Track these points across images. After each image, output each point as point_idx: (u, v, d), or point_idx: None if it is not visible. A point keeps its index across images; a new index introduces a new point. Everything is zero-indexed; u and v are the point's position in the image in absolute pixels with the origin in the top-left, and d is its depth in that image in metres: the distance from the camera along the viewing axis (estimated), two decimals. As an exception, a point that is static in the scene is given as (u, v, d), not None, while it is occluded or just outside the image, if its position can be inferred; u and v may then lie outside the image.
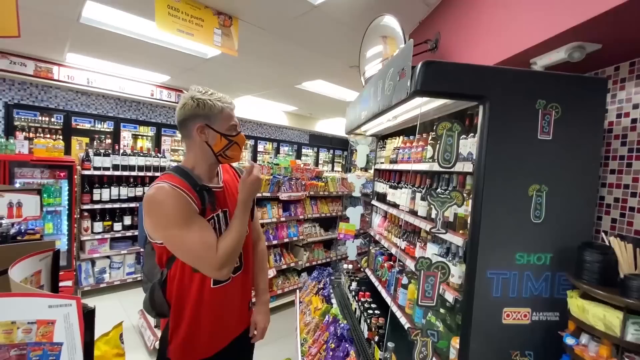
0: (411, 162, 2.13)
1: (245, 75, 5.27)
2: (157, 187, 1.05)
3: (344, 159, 11.05)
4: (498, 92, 1.26)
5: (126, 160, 4.31)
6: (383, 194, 2.70)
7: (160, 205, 1.02)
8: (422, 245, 1.90)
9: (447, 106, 1.54)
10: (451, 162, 1.29)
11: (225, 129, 1.15)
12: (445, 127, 1.29)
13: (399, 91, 1.38)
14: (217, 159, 1.16)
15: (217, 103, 1.12)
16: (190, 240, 1.03)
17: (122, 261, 4.42)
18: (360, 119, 2.17)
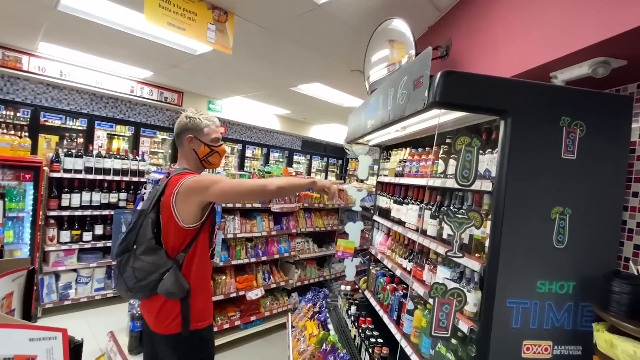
0: (419, 176, 2.13)
1: (236, 75, 5.27)
2: (191, 177, 1.47)
3: (338, 168, 11.08)
4: (521, 106, 1.28)
5: (101, 163, 4.21)
6: (386, 209, 2.70)
7: (205, 176, 1.51)
8: (432, 268, 1.89)
9: (463, 119, 1.56)
10: (470, 180, 1.30)
11: (209, 140, 1.62)
12: (464, 142, 1.29)
13: (414, 101, 1.39)
14: (202, 163, 1.63)
15: (204, 121, 1.61)
16: (240, 180, 1.69)
17: (90, 275, 4.26)
18: (365, 128, 2.17)
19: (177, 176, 1.49)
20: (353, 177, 9.82)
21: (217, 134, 1.63)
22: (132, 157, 4.58)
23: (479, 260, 1.41)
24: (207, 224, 1.53)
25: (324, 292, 3.04)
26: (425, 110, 1.34)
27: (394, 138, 2.50)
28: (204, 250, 1.53)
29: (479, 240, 1.48)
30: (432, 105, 1.27)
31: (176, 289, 1.41)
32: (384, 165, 2.85)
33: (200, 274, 1.52)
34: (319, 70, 4.51)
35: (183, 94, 6.78)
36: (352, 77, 4.58)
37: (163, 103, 6.58)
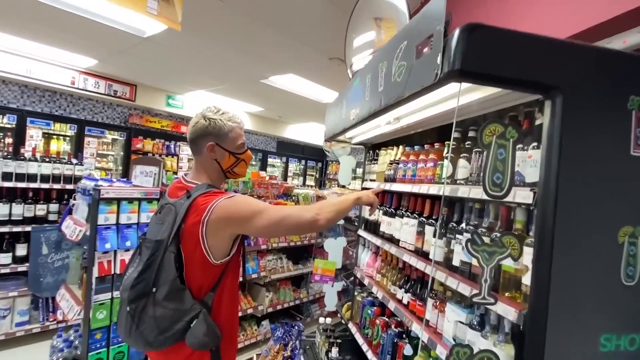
0: (417, 181, 1.76)
1: (197, 64, 4.78)
2: (225, 199, 1.26)
3: (317, 171, 10.69)
4: (578, 80, 0.93)
5: (24, 167, 3.60)
6: (374, 222, 2.32)
7: (244, 203, 1.28)
8: (438, 304, 1.51)
9: (488, 101, 1.19)
10: (504, 188, 0.93)
11: (234, 147, 1.41)
12: (495, 133, 0.93)
13: (419, 75, 1.01)
14: (225, 175, 1.45)
15: (227, 123, 1.38)
16: (282, 207, 1.39)
17: (9, 307, 3.63)
18: (347, 120, 1.79)
19: (204, 198, 1.27)
20: (334, 182, 9.46)
21: (242, 138, 1.44)
22: (67, 161, 3.99)
23: (512, 303, 1.04)
24: (238, 251, 1.36)
25: (297, 328, 2.61)
26: (435, 87, 0.96)
27: (383, 134, 2.13)
28: (234, 284, 1.37)
29: (510, 273, 1.11)
30: (448, 77, 0.89)
31: (209, 339, 1.23)
32: (370, 168, 2.47)
33: (231, 314, 1.37)
34: (293, 58, 4.11)
35: (136, 87, 6.19)
36: (331, 67, 4.21)
37: (112, 97, 5.97)
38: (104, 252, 2.41)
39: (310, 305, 4.25)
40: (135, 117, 6.50)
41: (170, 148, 6.99)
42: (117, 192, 2.49)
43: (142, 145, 6.52)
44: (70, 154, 4.49)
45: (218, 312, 1.30)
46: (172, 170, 6.79)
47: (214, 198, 1.24)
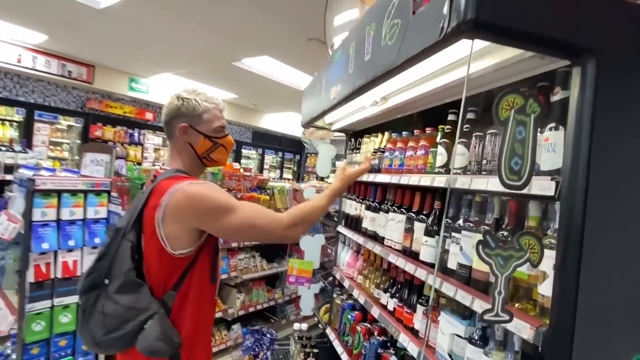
0: (405, 171, 1.58)
1: (160, 42, 4.41)
2: (190, 184, 1.14)
3: (295, 164, 10.44)
4: (615, 43, 0.76)
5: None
6: (356, 217, 2.13)
7: (211, 195, 1.14)
8: (429, 312, 1.34)
9: (494, 73, 1.01)
10: (523, 176, 0.75)
11: (210, 130, 1.28)
12: (514, 106, 0.75)
13: (417, 33, 0.82)
14: (202, 161, 1.31)
15: (202, 103, 1.26)
16: (255, 210, 1.22)
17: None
18: (327, 101, 1.58)
19: (167, 181, 1.16)
20: (313, 175, 9.26)
21: (221, 121, 1.31)
22: (8, 148, 3.58)
23: (525, 317, 0.87)
24: (208, 246, 1.21)
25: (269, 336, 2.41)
26: (439, 47, 0.77)
27: (367, 118, 1.94)
28: (203, 285, 1.21)
29: (521, 280, 0.94)
30: (458, 31, 0.70)
31: (162, 345, 1.09)
32: (352, 158, 2.28)
33: (197, 320, 1.22)
34: (268, 37, 3.84)
35: (94, 68, 5.72)
36: (310, 49, 3.97)
37: (67, 79, 5.48)
38: (41, 253, 2.10)
39: (286, 306, 4.05)
40: (94, 101, 6.02)
41: (134, 136, 6.54)
42: (57, 182, 2.18)
43: (101, 132, 6.07)
44: (12, 140, 4.04)
45: (180, 316, 1.16)
46: (136, 160, 6.36)
47: (177, 181, 1.14)
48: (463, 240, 1.15)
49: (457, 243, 1.19)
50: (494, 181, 0.98)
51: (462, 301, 1.07)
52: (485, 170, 1.13)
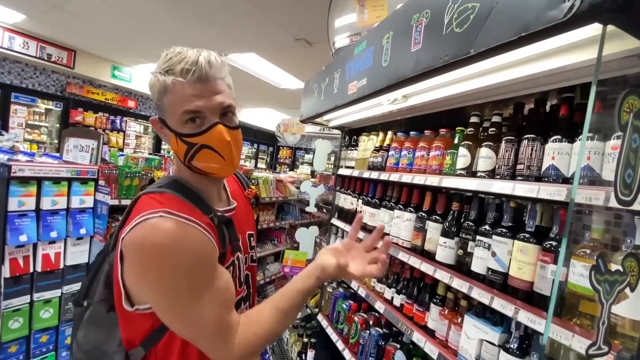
0: (416, 171, 1.38)
1: (145, 31, 3.81)
2: (155, 223, 0.62)
3: (268, 155, 10.01)
4: None
5: None
6: (351, 211, 1.91)
7: (168, 255, 0.61)
8: (446, 312, 1.16)
9: (575, 70, 0.79)
10: (633, 190, 0.56)
11: (176, 121, 0.68)
12: (633, 109, 0.55)
13: (513, 15, 0.59)
14: (191, 169, 0.73)
15: (160, 77, 0.67)
16: (203, 315, 0.64)
17: None
18: (344, 95, 1.31)
19: (148, 197, 0.68)
20: (285, 166, 8.90)
21: (190, 103, 0.65)
22: (-23, 129, 2.89)
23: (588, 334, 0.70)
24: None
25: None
26: (556, 31, 0.55)
27: (366, 118, 1.70)
28: (189, 349, 0.70)
29: (580, 294, 0.77)
30: (598, 9, 0.48)
31: None
32: (348, 154, 2.04)
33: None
34: (257, 34, 3.44)
35: (76, 52, 4.90)
36: (296, 50, 3.63)
37: (45, 62, 4.63)
38: (18, 245, 1.65)
39: (267, 286, 3.78)
40: (74, 86, 5.19)
41: (115, 123, 5.77)
42: (37, 169, 1.71)
43: (82, 118, 5.26)
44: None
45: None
46: (118, 147, 5.63)
47: (152, 205, 0.64)
48: (496, 246, 0.97)
49: (486, 248, 1.01)
50: (546, 189, 0.81)
51: (501, 310, 0.89)
52: (520, 176, 0.95)
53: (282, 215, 3.82)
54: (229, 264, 0.73)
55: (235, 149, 0.71)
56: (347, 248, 0.75)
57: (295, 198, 3.69)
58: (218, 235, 0.69)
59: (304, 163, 9.14)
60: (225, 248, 0.71)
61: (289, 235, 3.82)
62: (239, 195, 0.89)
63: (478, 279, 1.02)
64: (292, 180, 3.84)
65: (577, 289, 0.76)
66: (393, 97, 1.22)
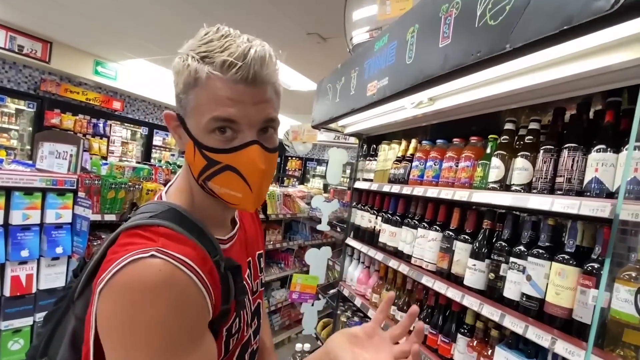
0: (444, 184, 1.47)
1: (132, 21, 4.05)
2: (142, 266, 0.55)
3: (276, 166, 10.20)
4: None
5: None
6: (369, 230, 2.00)
7: (145, 310, 0.55)
8: (475, 344, 1.22)
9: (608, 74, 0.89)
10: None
11: (200, 128, 0.62)
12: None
13: (554, 7, 0.69)
14: (202, 188, 0.68)
15: (190, 63, 0.60)
16: None
17: None
18: (362, 96, 1.42)
19: (128, 236, 0.62)
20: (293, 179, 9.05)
21: (226, 106, 0.60)
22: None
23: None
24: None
25: None
26: (602, 24, 0.64)
27: (388, 124, 1.80)
28: None
29: (624, 322, 0.83)
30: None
31: None
32: (366, 165, 2.14)
33: None
34: (263, 28, 3.63)
35: (52, 44, 5.20)
36: (307, 45, 3.81)
37: (16, 55, 4.92)
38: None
39: (271, 315, 3.85)
40: (50, 84, 5.48)
41: (98, 127, 6.03)
42: (5, 177, 1.83)
43: (59, 120, 5.53)
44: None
45: None
46: (101, 154, 5.87)
47: (135, 244, 0.58)
48: (532, 269, 1.04)
49: (521, 271, 1.09)
50: (589, 204, 0.89)
51: (537, 341, 0.96)
52: (560, 190, 1.03)
53: (290, 235, 3.93)
54: (233, 320, 0.70)
55: (267, 180, 0.66)
56: (368, 335, 0.65)
57: (305, 215, 3.80)
58: (222, 284, 0.64)
59: (315, 176, 9.29)
60: (229, 303, 0.66)
61: (297, 257, 3.90)
62: (247, 223, 0.87)
63: (511, 306, 1.09)
64: (302, 195, 3.95)
65: (621, 317, 0.83)
66: (418, 100, 1.32)
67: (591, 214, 0.88)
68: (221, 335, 0.68)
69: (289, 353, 2.32)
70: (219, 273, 0.64)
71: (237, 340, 0.74)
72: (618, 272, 0.86)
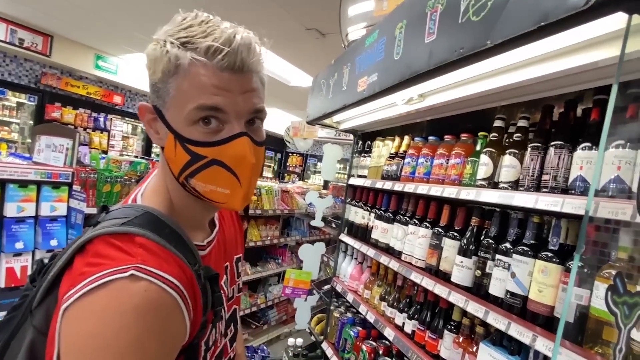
0: (434, 181, 1.47)
1: (134, 14, 4.06)
2: (120, 287, 0.49)
3: (276, 162, 10.21)
4: None
5: None
6: (362, 226, 2.00)
7: (121, 335, 0.49)
8: (461, 340, 1.23)
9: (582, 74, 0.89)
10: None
11: (184, 118, 0.57)
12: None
13: (532, 4, 0.69)
14: (184, 187, 0.62)
15: (170, 50, 0.55)
16: None
17: None
18: (353, 92, 1.42)
19: (104, 248, 0.55)
20: (294, 175, 9.06)
21: (212, 94, 0.56)
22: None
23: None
24: None
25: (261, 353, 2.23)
26: (576, 20, 0.63)
27: (382, 120, 1.81)
28: None
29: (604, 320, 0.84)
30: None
31: None
32: (360, 162, 2.15)
33: None
34: (263, 23, 3.62)
35: (52, 38, 5.21)
36: (307, 41, 3.80)
37: (17, 48, 4.93)
38: (-25, 257, 1.78)
39: (268, 310, 3.88)
40: (51, 77, 5.50)
41: (99, 121, 6.05)
42: (0, 170, 1.85)
43: (59, 114, 5.55)
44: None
45: None
46: (101, 148, 5.90)
47: (107, 263, 0.52)
48: (516, 266, 1.05)
49: (506, 268, 1.09)
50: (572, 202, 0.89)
51: (518, 338, 0.96)
52: (545, 188, 1.03)
53: (287, 231, 3.94)
54: (210, 331, 0.67)
55: (256, 175, 0.63)
56: None
57: (303, 212, 3.81)
58: (202, 295, 0.60)
59: (316, 172, 9.29)
60: (206, 315, 0.62)
61: (294, 253, 3.92)
62: (227, 223, 0.84)
63: (496, 303, 1.09)
64: (301, 191, 3.96)
65: (601, 315, 0.83)
66: (408, 96, 1.32)
67: (573, 212, 0.88)
68: (200, 350, 0.64)
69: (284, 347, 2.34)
70: (199, 284, 0.59)
71: (211, 352, 0.69)
72: (599, 270, 0.87)
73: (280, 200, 3.47)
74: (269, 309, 3.90)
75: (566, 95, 1.09)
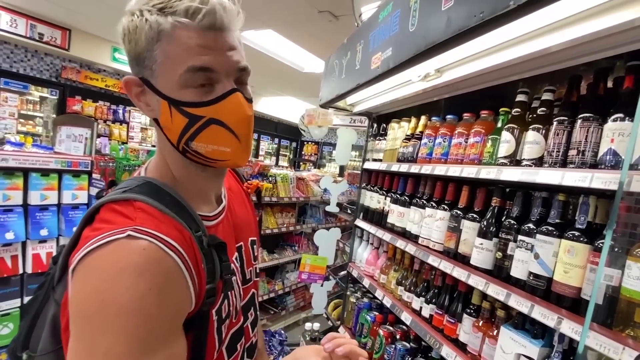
0: (453, 162, 1.42)
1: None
2: (118, 247, 0.51)
3: (291, 151, 10.22)
4: None
5: None
6: (378, 211, 1.97)
7: (123, 292, 0.49)
8: (480, 324, 1.20)
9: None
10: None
11: (173, 83, 0.57)
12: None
13: None
14: (187, 158, 0.63)
15: (149, 17, 0.55)
16: None
17: None
18: (367, 70, 1.38)
19: (109, 211, 0.57)
20: (309, 164, 9.06)
21: (199, 55, 0.56)
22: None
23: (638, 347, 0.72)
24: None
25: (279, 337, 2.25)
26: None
27: (397, 100, 1.75)
28: None
29: (637, 302, 0.78)
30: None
31: None
32: (375, 145, 2.10)
33: None
34: (275, 7, 3.57)
35: (71, 32, 5.31)
36: (319, 24, 3.73)
37: (37, 42, 5.04)
38: (4, 244, 1.84)
39: (286, 297, 3.92)
40: (71, 71, 5.62)
41: (118, 113, 6.18)
42: (22, 159, 1.90)
43: (80, 107, 5.69)
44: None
45: None
46: (121, 140, 6.02)
47: (105, 227, 0.53)
48: (540, 247, 1.00)
49: (529, 249, 1.04)
50: (601, 177, 0.83)
51: (542, 320, 0.92)
52: (572, 164, 0.97)
53: (303, 219, 3.95)
54: (222, 301, 0.65)
55: (252, 129, 0.65)
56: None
57: (319, 199, 3.80)
58: (206, 263, 0.59)
59: (331, 160, 9.27)
60: (214, 282, 0.60)
61: (310, 240, 3.93)
62: (237, 192, 0.84)
63: (518, 285, 1.05)
64: (316, 179, 3.95)
65: (634, 295, 0.78)
66: (424, 72, 1.27)
67: (603, 187, 0.83)
68: (212, 319, 0.63)
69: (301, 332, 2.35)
70: (201, 250, 0.59)
71: (227, 326, 0.69)
72: (631, 248, 0.81)
73: (295, 188, 3.46)
74: (286, 295, 3.94)
75: (595, 63, 1.01)
